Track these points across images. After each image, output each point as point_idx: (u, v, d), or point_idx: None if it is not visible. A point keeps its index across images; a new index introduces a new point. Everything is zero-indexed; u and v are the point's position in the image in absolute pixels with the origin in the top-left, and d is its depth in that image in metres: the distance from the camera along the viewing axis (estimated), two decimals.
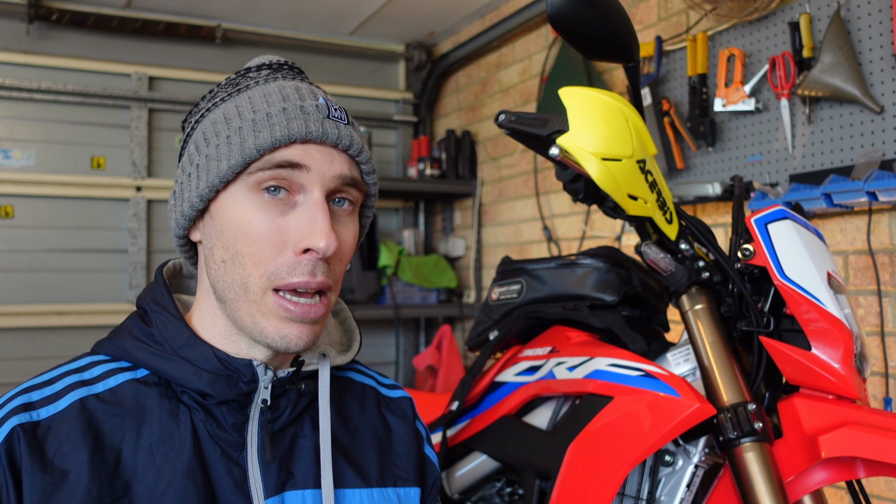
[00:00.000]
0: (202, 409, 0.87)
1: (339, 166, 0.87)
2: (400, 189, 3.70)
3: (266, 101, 0.87)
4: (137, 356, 0.88)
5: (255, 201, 0.85)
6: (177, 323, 0.89)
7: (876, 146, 1.89)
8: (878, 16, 1.90)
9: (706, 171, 2.36)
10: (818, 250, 1.17)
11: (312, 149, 0.86)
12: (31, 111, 3.32)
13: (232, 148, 0.85)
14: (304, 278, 0.84)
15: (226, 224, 0.86)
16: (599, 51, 1.11)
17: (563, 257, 1.49)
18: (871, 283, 1.94)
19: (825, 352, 1.09)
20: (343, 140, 0.87)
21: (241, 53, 3.74)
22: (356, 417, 1.00)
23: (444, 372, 3.30)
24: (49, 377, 0.87)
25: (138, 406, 0.86)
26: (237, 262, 0.85)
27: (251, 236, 0.84)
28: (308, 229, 0.83)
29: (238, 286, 0.86)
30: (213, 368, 0.86)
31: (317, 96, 0.89)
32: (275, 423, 0.91)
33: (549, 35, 3.18)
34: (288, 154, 0.84)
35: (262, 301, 0.85)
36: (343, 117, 0.90)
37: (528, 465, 1.34)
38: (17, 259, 3.28)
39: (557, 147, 1.11)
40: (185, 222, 0.91)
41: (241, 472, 0.87)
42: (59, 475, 0.79)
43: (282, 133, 0.84)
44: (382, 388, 1.07)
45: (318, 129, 0.86)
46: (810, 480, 1.13)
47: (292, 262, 0.84)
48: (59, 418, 0.82)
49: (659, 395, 1.17)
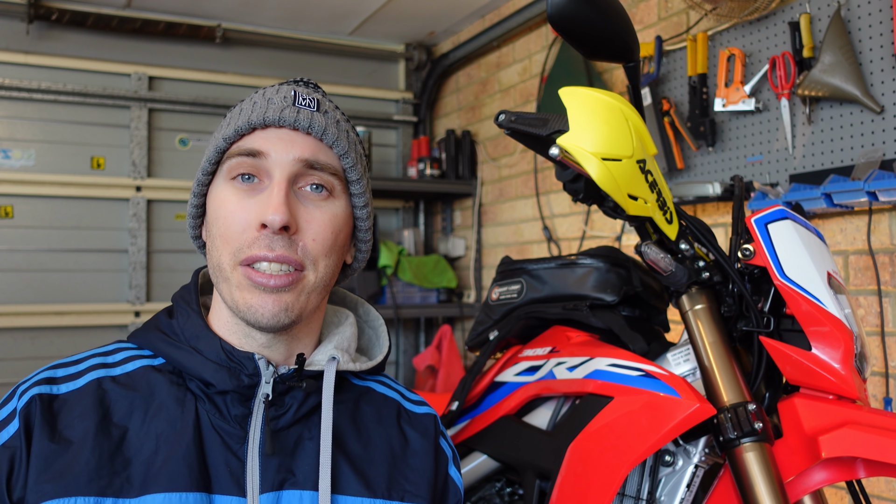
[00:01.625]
0: (208, 398, 0.90)
1: (300, 149, 0.91)
2: (400, 189, 3.69)
3: (249, 101, 0.95)
4: (156, 345, 0.94)
5: (229, 188, 0.92)
6: (194, 316, 0.95)
7: (876, 146, 1.89)
8: (878, 16, 1.90)
9: (706, 171, 2.36)
10: (818, 250, 1.17)
11: (272, 133, 0.91)
12: (31, 111, 3.32)
13: (209, 143, 0.95)
14: (263, 251, 0.88)
15: (210, 213, 0.94)
16: (599, 51, 1.11)
17: (563, 257, 1.49)
18: (871, 283, 1.94)
19: (825, 352, 1.09)
20: (301, 122, 0.91)
21: (241, 53, 3.74)
22: (371, 427, 0.99)
23: (444, 372, 3.30)
24: (76, 358, 0.93)
25: (149, 390, 0.90)
26: (214, 246, 0.92)
27: (221, 218, 0.91)
28: (264, 205, 0.89)
29: (217, 268, 0.92)
30: (218, 359, 0.90)
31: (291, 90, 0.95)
32: (279, 420, 0.92)
33: (549, 35, 3.18)
34: (248, 141, 0.91)
35: (233, 275, 0.90)
36: (311, 105, 0.94)
37: (528, 465, 1.34)
38: (17, 259, 3.28)
39: (557, 147, 1.11)
40: (191, 220, 0.99)
41: (239, 464, 0.88)
42: (64, 444, 0.84)
43: (243, 121, 0.91)
44: (406, 403, 1.06)
45: (276, 114, 0.91)
46: (810, 480, 1.12)
47: (253, 237, 0.89)
48: (75, 395, 0.88)
49: (659, 395, 1.17)
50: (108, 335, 3.36)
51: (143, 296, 3.43)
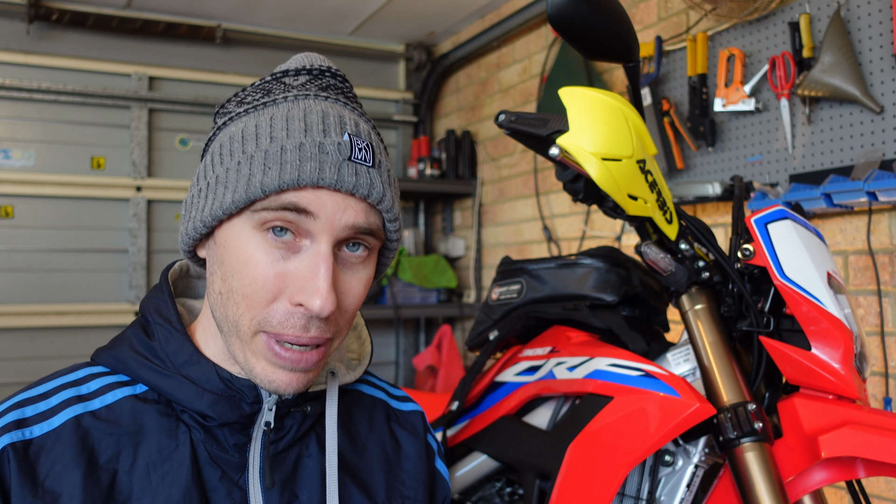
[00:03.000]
0: (202, 429, 0.84)
1: (354, 215, 0.79)
2: (400, 189, 3.68)
3: (286, 127, 0.80)
4: (137, 371, 0.84)
5: (258, 240, 0.79)
6: (179, 338, 0.85)
7: (876, 146, 1.89)
8: (878, 16, 1.90)
9: (706, 171, 2.36)
10: (818, 250, 1.17)
11: (325, 195, 0.78)
12: (31, 111, 3.32)
13: (239, 179, 0.79)
14: (296, 332, 0.78)
15: (227, 256, 0.81)
16: (599, 51, 1.11)
17: (563, 257, 1.49)
18: (871, 283, 1.94)
19: (825, 352, 1.09)
20: (361, 188, 0.79)
21: (241, 53, 3.75)
22: (364, 434, 0.98)
23: (444, 372, 3.30)
24: (45, 390, 0.83)
25: (136, 425, 0.82)
26: (231, 300, 0.80)
27: (248, 276, 0.79)
28: (306, 283, 0.77)
29: (231, 323, 0.81)
30: (216, 389, 0.83)
31: (343, 130, 0.81)
32: (278, 444, 0.88)
33: (549, 35, 3.18)
34: (296, 198, 0.77)
35: (252, 342, 0.80)
36: (367, 158, 0.81)
37: (528, 465, 1.34)
38: (17, 259, 3.28)
39: (557, 147, 1.11)
40: (190, 241, 0.86)
41: (241, 494, 0.83)
42: (49, 498, 0.76)
43: (291, 176, 0.76)
44: (393, 401, 1.05)
45: (333, 175, 0.77)
46: (810, 480, 1.12)
47: (285, 311, 0.78)
48: (52, 436, 0.79)
49: (659, 395, 1.17)
50: (109, 335, 3.34)
51: (143, 296, 3.42)
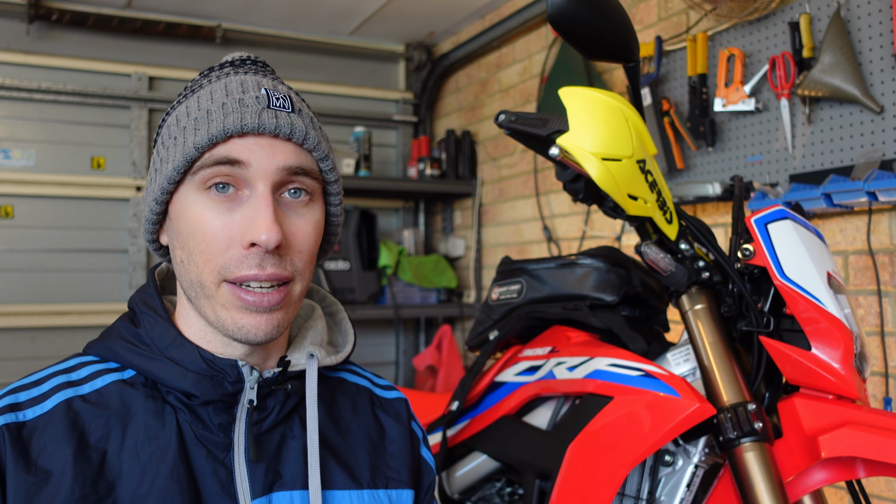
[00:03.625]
0: (188, 409, 0.87)
1: (283, 157, 0.86)
2: (400, 189, 3.69)
3: (211, 98, 0.87)
4: (125, 357, 0.89)
5: (203, 200, 0.85)
6: (163, 323, 0.90)
7: (876, 146, 1.89)
8: (878, 16, 1.90)
9: (706, 171, 2.36)
10: (818, 250, 1.17)
11: (251, 142, 0.85)
12: (31, 111, 3.32)
13: (177, 149, 0.86)
14: (253, 271, 0.84)
15: (180, 224, 0.87)
16: (599, 51, 1.11)
17: (563, 257, 1.49)
18: (871, 283, 1.94)
19: (825, 352, 1.09)
20: (282, 128, 0.86)
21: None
22: (348, 417, 1.00)
23: (444, 372, 3.30)
24: (37, 378, 0.87)
25: (124, 407, 0.86)
26: (192, 261, 0.86)
27: (200, 234, 0.85)
28: (251, 223, 0.83)
29: (196, 284, 0.86)
30: (198, 368, 0.87)
31: (260, 87, 0.88)
32: (262, 424, 0.90)
33: (549, 35, 3.18)
34: (226, 150, 0.84)
35: (218, 294, 0.85)
36: (287, 105, 0.88)
37: (528, 465, 1.34)
38: (17, 259, 3.28)
39: (557, 147, 1.11)
40: (149, 226, 0.92)
41: (227, 472, 0.87)
42: (42, 475, 0.79)
43: (217, 129, 0.84)
44: (377, 389, 1.06)
45: (254, 120, 0.84)
46: (810, 480, 1.12)
47: (240, 255, 0.84)
48: (45, 419, 0.83)
49: (659, 395, 1.17)
50: None
51: None
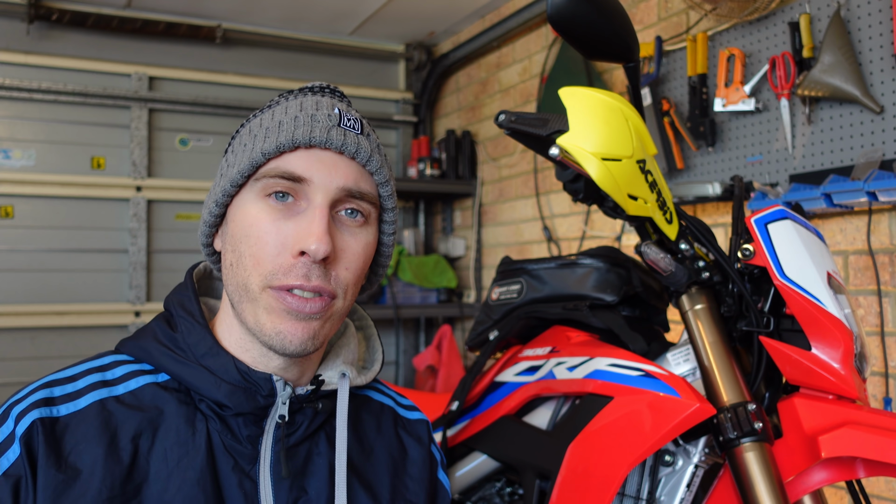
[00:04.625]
0: (219, 418, 0.88)
1: (344, 177, 0.88)
2: (400, 189, 3.69)
3: (285, 111, 0.90)
4: (160, 360, 0.89)
5: (262, 206, 0.87)
6: (201, 330, 0.90)
7: (876, 146, 1.89)
8: (878, 16, 1.90)
9: (706, 171, 2.36)
10: (818, 250, 1.17)
11: (316, 156, 0.87)
12: (31, 111, 3.32)
13: (244, 154, 0.89)
14: (299, 281, 0.85)
15: (235, 227, 0.89)
16: (599, 51, 1.11)
17: (563, 257, 1.49)
18: (871, 283, 1.94)
19: (825, 352, 1.09)
20: (349, 147, 0.88)
21: (241, 53, 3.74)
22: (372, 437, 1.01)
23: (444, 372, 3.30)
24: (72, 373, 0.88)
25: (157, 410, 0.87)
26: (240, 264, 0.87)
27: (253, 237, 0.86)
28: (304, 232, 0.85)
29: (241, 287, 0.87)
30: (233, 380, 0.87)
31: (334, 107, 0.91)
32: (289, 439, 0.91)
33: (549, 35, 3.18)
34: (291, 164, 0.86)
35: (261, 298, 0.86)
36: (356, 127, 0.90)
37: (528, 465, 1.34)
38: (17, 259, 3.28)
39: (557, 147, 1.11)
40: (206, 229, 0.94)
41: (252, 485, 0.87)
42: (71, 473, 0.80)
43: (286, 138, 0.86)
44: (401, 409, 1.07)
45: (323, 135, 0.87)
46: (810, 480, 1.12)
47: (289, 264, 0.85)
48: (77, 417, 0.84)
49: (659, 395, 1.17)
50: (109, 335, 3.36)
51: (143, 296, 3.43)
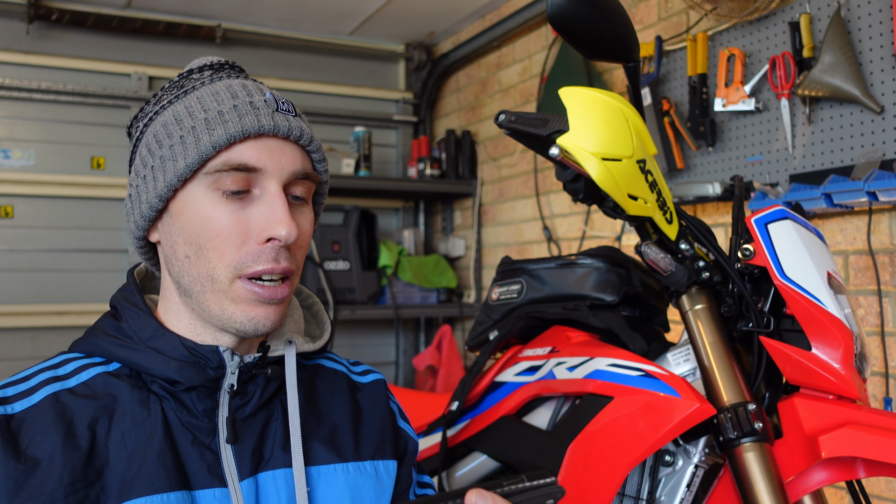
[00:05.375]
0: (172, 397, 0.90)
1: (292, 161, 0.91)
2: (400, 189, 3.70)
3: (216, 99, 0.91)
4: (109, 350, 0.92)
5: (215, 198, 0.89)
6: (145, 316, 0.93)
7: (876, 146, 1.89)
8: (878, 16, 1.90)
9: (706, 171, 2.36)
10: (818, 250, 1.17)
11: (264, 144, 0.89)
12: (31, 111, 3.32)
13: (187, 147, 0.88)
14: (269, 265, 0.88)
15: (187, 221, 0.90)
16: (599, 51, 1.11)
17: (563, 257, 1.49)
18: (871, 283, 1.94)
19: (825, 352, 1.09)
20: (294, 131, 0.91)
21: (241, 53, 3.74)
22: (327, 400, 1.03)
23: (444, 372, 3.30)
24: (24, 375, 0.91)
25: (110, 397, 0.89)
26: (202, 256, 0.89)
27: (214, 230, 0.88)
28: (269, 220, 0.88)
29: (205, 279, 0.89)
30: (181, 356, 0.90)
31: (264, 92, 0.93)
32: (245, 408, 0.93)
33: (549, 35, 3.18)
34: (242, 155, 0.88)
35: (231, 289, 0.89)
36: (291, 109, 0.93)
37: (529, 465, 1.34)
38: (17, 259, 3.28)
39: (557, 147, 1.11)
40: (144, 223, 0.94)
41: (213, 456, 0.89)
42: (31, 463, 0.81)
43: (235, 129, 0.88)
44: (354, 375, 1.09)
45: (270, 122, 0.89)
46: (810, 480, 1.13)
47: (256, 251, 0.88)
48: (32, 411, 0.85)
49: (659, 395, 1.17)
50: None
51: None
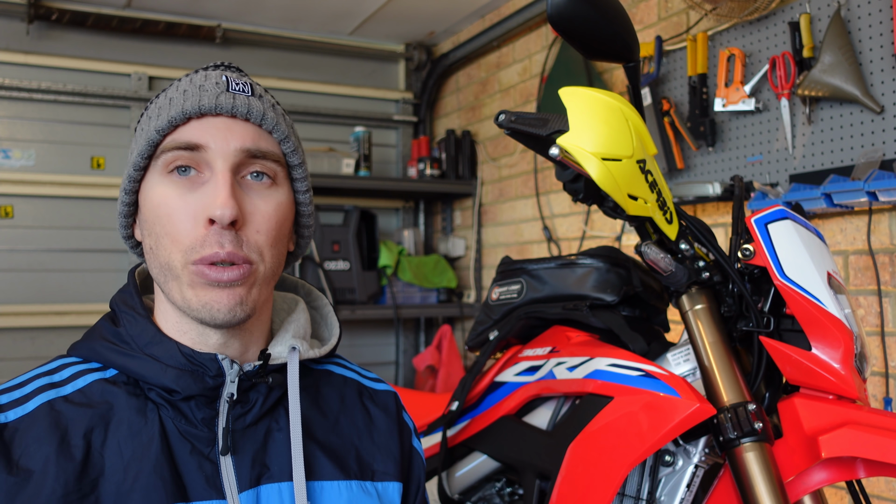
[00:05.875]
0: (170, 405, 0.88)
1: (241, 138, 0.88)
2: (400, 189, 3.69)
3: (176, 88, 0.91)
4: (106, 356, 0.89)
5: (167, 183, 0.88)
6: (142, 321, 0.90)
7: (876, 146, 1.89)
8: (878, 16, 1.90)
9: (706, 171, 2.36)
10: (818, 250, 1.17)
11: (209, 123, 0.87)
12: (31, 111, 3.32)
13: (139, 137, 0.90)
14: (213, 249, 0.85)
15: (146, 211, 0.89)
16: (599, 51, 1.11)
17: (563, 257, 1.49)
18: (871, 283, 1.94)
19: (825, 352, 1.09)
20: (239, 109, 0.88)
21: (241, 53, 3.74)
22: (336, 408, 1.00)
23: (444, 372, 3.30)
24: (19, 381, 0.88)
25: (106, 405, 0.86)
26: (160, 245, 0.87)
27: (164, 217, 0.87)
28: (210, 200, 0.85)
29: (165, 267, 0.87)
30: (178, 364, 0.87)
31: (222, 76, 0.91)
32: (246, 417, 0.90)
33: (549, 35, 3.18)
34: (185, 134, 0.86)
35: (184, 274, 0.86)
36: (246, 90, 0.90)
37: (528, 465, 1.34)
38: (17, 259, 3.28)
39: (557, 147, 1.11)
40: (122, 220, 0.94)
41: (212, 467, 0.87)
42: (24, 475, 0.79)
43: (176, 111, 0.87)
44: (365, 381, 1.06)
45: (211, 101, 0.87)
46: (810, 480, 1.12)
47: (202, 235, 0.85)
48: (26, 420, 0.83)
49: (659, 395, 1.17)
50: None
51: None
